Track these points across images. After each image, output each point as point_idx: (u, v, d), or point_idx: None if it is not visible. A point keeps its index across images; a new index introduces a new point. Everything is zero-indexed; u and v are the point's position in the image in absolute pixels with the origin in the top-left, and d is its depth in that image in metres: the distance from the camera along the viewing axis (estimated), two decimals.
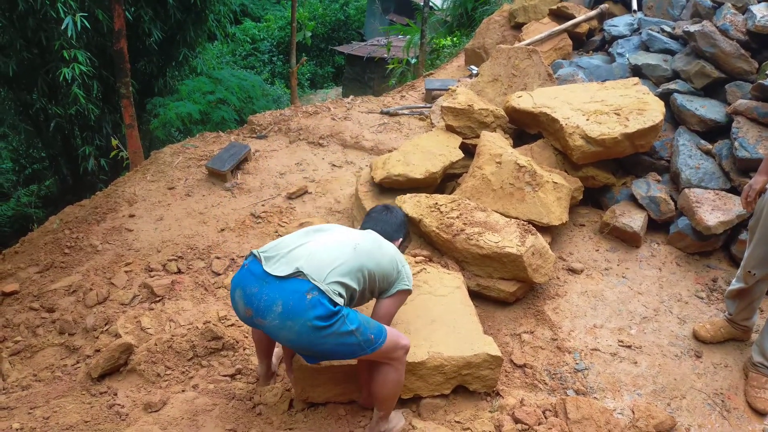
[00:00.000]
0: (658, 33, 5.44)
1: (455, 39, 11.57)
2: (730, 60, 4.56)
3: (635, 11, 6.35)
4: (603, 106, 4.51)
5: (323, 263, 2.34)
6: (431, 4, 12.09)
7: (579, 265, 4.06)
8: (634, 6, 6.41)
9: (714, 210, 3.94)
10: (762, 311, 3.66)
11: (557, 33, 6.67)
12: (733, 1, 4.91)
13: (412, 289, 2.71)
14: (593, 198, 4.69)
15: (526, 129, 4.98)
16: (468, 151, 4.81)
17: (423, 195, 4.16)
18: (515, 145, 4.77)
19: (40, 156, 11.09)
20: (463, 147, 4.80)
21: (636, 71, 5.27)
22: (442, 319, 3.07)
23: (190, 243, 4.55)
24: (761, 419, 3.08)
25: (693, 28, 4.75)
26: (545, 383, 3.22)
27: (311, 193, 5.20)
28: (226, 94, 10.55)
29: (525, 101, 4.77)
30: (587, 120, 4.37)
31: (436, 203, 4.01)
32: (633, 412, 2.98)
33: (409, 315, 3.04)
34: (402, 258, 2.70)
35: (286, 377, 3.11)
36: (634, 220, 4.21)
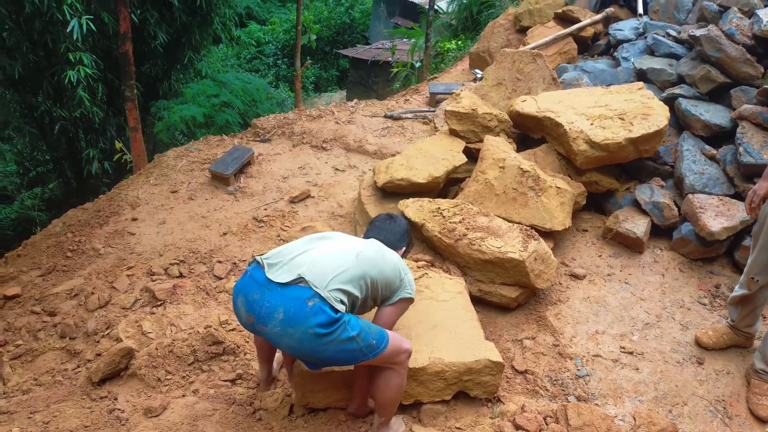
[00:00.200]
0: (663, 37, 5.42)
1: (460, 42, 11.56)
2: (735, 65, 4.54)
3: (641, 15, 6.33)
4: (607, 110, 4.49)
5: (326, 270, 2.34)
6: (436, 7, 12.09)
7: (581, 271, 4.04)
8: (639, 10, 6.39)
9: (718, 216, 3.91)
10: (765, 318, 3.64)
11: (562, 37, 6.66)
12: (740, 6, 4.89)
13: (414, 298, 2.70)
14: (596, 203, 4.67)
15: (530, 133, 4.96)
16: (471, 156, 4.79)
17: (426, 199, 4.15)
18: (519, 150, 4.76)
19: (44, 159, 11.15)
20: (467, 151, 4.79)
21: (641, 76, 5.25)
22: (443, 325, 3.05)
23: (192, 247, 4.55)
24: (763, 426, 3.05)
25: (699, 32, 4.73)
26: (546, 389, 3.20)
27: (314, 197, 5.20)
28: (230, 97, 10.60)
29: (529, 105, 4.76)
30: (591, 125, 4.36)
31: (438, 208, 4.00)
32: (634, 418, 2.96)
33: (411, 320, 3.02)
34: (405, 266, 2.69)
35: (286, 382, 3.10)
36: (637, 225, 4.18)
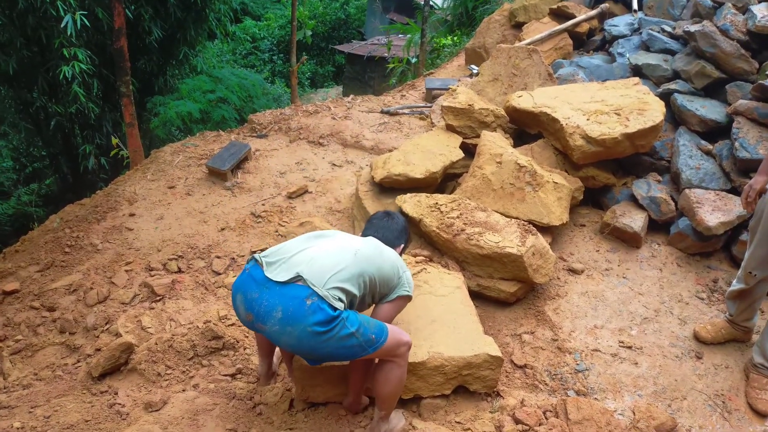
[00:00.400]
0: (658, 33, 5.44)
1: (456, 38, 11.57)
2: (730, 60, 4.56)
3: (636, 11, 6.34)
4: (603, 106, 4.51)
5: (324, 269, 2.35)
6: (432, 3, 12.08)
7: (579, 266, 4.06)
8: (634, 6, 6.40)
9: (714, 210, 3.94)
10: (763, 312, 3.66)
11: (558, 32, 6.67)
12: (734, 1, 4.90)
13: (412, 296, 2.71)
14: (594, 198, 4.69)
15: (526, 129, 4.98)
16: (468, 151, 4.80)
17: (423, 195, 4.16)
18: (515, 145, 4.77)
19: (40, 155, 11.10)
20: (464, 147, 4.80)
21: (636, 71, 5.27)
22: (442, 320, 3.07)
23: (190, 242, 4.55)
24: (762, 420, 3.08)
25: (693, 28, 4.75)
26: (546, 384, 3.22)
27: (311, 193, 5.20)
28: (226, 92, 10.56)
29: (525, 101, 4.77)
30: (588, 120, 4.37)
31: (436, 203, 4.01)
32: (633, 413, 2.98)
33: (410, 315, 3.04)
34: (403, 264, 2.70)
35: (286, 377, 3.11)
36: (634, 220, 4.21)
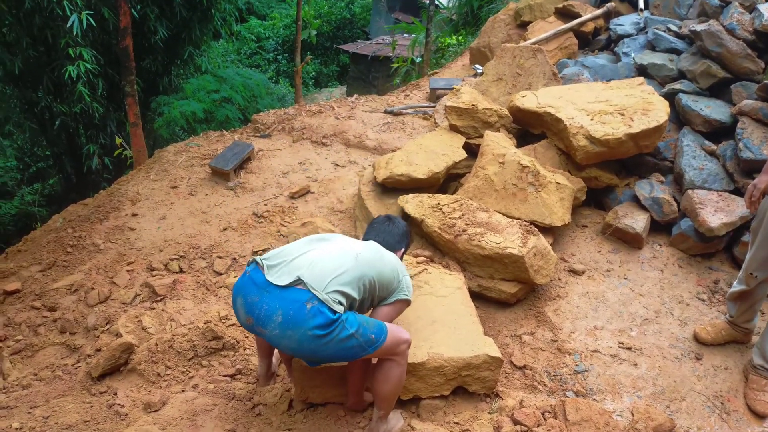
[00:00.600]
0: (664, 32, 5.40)
1: (460, 38, 11.54)
2: (736, 60, 4.52)
3: (642, 10, 6.30)
4: (607, 106, 4.48)
5: (324, 272, 2.34)
6: (437, 2, 12.08)
7: (580, 267, 4.04)
8: (640, 5, 6.36)
9: (717, 211, 3.91)
10: (763, 313, 3.63)
11: (563, 32, 6.63)
12: (741, 0, 4.87)
13: (411, 300, 2.71)
14: (596, 199, 4.67)
15: (530, 129, 4.95)
16: (471, 151, 4.78)
17: (425, 195, 4.15)
18: (519, 145, 4.75)
19: (44, 154, 11.16)
20: (467, 147, 4.78)
21: (641, 71, 5.23)
22: (442, 320, 3.06)
23: (192, 242, 4.55)
24: (761, 422, 3.06)
25: (699, 27, 4.71)
26: (545, 385, 3.20)
27: (314, 193, 5.20)
28: (230, 92, 10.58)
29: (529, 101, 4.75)
30: (591, 120, 4.35)
31: (438, 203, 4.00)
32: (632, 414, 2.96)
33: (410, 316, 3.03)
34: (403, 268, 2.70)
35: (286, 377, 3.11)
36: (636, 221, 4.18)
